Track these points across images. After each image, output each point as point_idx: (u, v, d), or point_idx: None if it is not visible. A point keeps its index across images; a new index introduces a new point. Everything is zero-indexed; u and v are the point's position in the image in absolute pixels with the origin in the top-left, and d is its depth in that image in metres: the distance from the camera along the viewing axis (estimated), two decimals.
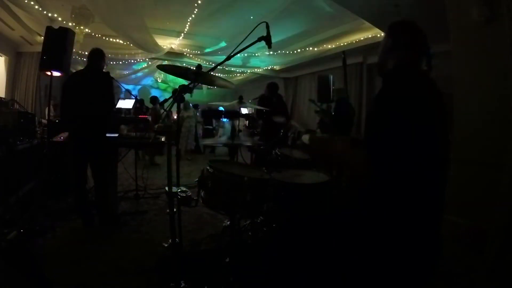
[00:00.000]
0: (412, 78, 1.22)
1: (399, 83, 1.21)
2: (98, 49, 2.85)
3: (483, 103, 2.76)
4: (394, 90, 1.20)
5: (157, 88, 12.71)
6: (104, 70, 2.92)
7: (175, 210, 1.65)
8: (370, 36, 5.74)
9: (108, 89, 2.77)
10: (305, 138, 2.53)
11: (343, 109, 4.57)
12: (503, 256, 2.14)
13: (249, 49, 1.67)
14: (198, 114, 8.80)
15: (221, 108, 9.86)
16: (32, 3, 4.89)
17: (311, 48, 6.83)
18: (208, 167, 1.69)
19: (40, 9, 5.17)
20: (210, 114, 8.99)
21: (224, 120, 9.21)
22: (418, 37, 1.28)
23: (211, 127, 9.86)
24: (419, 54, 1.27)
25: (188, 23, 6.18)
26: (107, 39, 6.26)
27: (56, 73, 2.93)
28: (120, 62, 7.78)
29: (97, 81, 2.74)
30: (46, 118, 3.35)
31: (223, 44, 7.19)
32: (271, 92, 4.51)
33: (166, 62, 7.83)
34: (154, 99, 7.12)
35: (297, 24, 6.02)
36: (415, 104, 1.12)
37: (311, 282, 1.55)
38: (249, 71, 9.31)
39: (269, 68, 9.00)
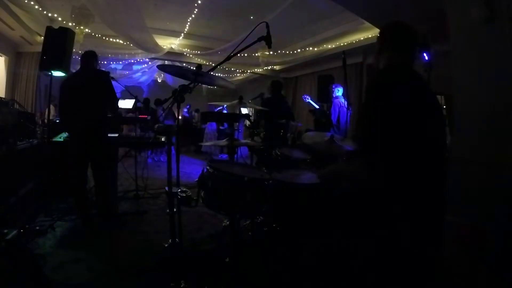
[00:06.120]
0: (399, 76, 1.23)
1: (386, 79, 1.23)
2: (90, 51, 2.87)
3: (483, 103, 2.76)
4: (381, 84, 1.22)
5: None
6: (104, 70, 2.92)
7: (175, 210, 1.65)
8: (370, 36, 5.73)
9: (109, 87, 2.77)
10: (306, 136, 2.50)
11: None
12: (503, 256, 2.14)
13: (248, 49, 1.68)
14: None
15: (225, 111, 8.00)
16: (32, 3, 4.89)
17: (311, 48, 6.83)
18: (208, 167, 1.69)
19: (40, 9, 5.18)
20: (210, 118, 8.09)
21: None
22: (406, 38, 1.29)
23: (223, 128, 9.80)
24: (408, 54, 1.28)
25: (188, 23, 6.18)
26: (107, 39, 6.25)
27: (56, 73, 2.93)
28: (120, 62, 7.77)
29: (96, 80, 2.74)
30: (46, 118, 3.34)
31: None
32: (274, 91, 4.28)
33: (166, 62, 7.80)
34: (159, 101, 7.09)
35: (297, 23, 6.02)
36: (399, 98, 1.14)
37: (311, 282, 1.54)
38: (249, 71, 9.30)
39: (269, 68, 9.00)
